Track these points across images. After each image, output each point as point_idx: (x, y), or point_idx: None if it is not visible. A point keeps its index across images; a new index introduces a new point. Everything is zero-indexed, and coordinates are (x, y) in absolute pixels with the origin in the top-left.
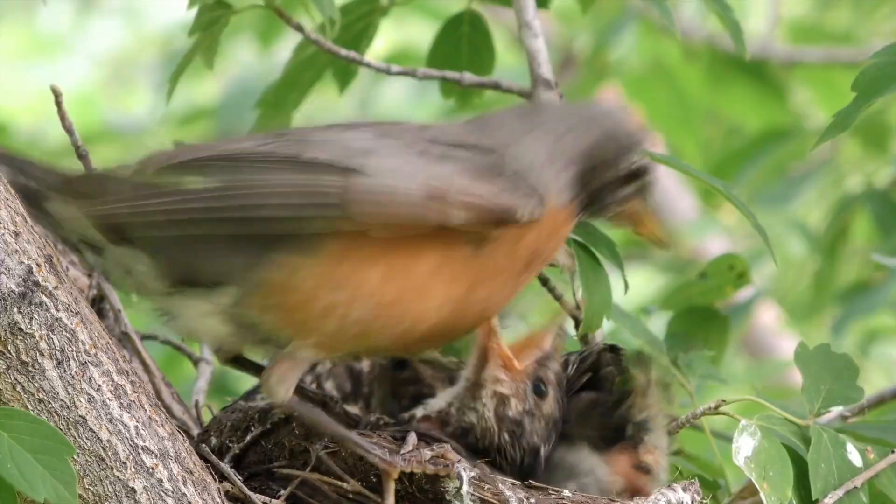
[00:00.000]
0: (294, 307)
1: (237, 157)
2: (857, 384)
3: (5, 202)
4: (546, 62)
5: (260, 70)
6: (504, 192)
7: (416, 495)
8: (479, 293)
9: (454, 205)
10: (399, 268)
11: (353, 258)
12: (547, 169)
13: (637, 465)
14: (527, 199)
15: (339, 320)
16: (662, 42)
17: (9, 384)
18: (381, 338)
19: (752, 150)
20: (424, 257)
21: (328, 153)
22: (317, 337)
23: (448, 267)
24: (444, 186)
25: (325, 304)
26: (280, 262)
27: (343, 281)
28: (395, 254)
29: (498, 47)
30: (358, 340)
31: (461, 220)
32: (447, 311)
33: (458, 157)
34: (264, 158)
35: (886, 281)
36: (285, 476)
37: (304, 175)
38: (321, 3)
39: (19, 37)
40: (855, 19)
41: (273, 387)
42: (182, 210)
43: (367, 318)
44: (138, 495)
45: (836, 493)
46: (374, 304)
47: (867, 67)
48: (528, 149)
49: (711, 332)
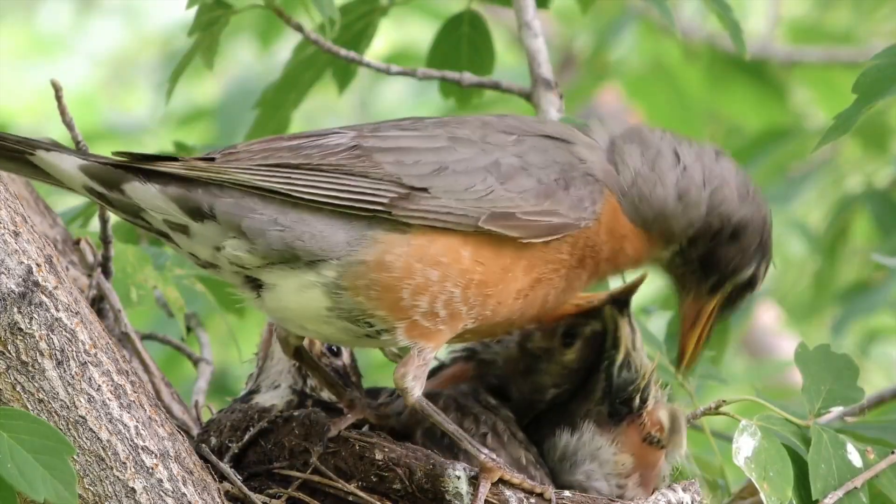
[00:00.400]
0: (389, 285)
1: (318, 168)
2: (857, 384)
3: (5, 202)
4: (546, 62)
5: (260, 70)
6: (564, 210)
7: (416, 495)
8: (544, 284)
9: (515, 227)
10: (485, 252)
11: (444, 239)
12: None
13: (646, 437)
14: (581, 214)
15: (432, 299)
16: (662, 42)
17: (9, 384)
18: (469, 320)
19: (752, 150)
20: (506, 245)
21: (397, 168)
22: (410, 317)
23: (524, 257)
24: (511, 210)
25: (419, 282)
26: (378, 239)
27: (435, 260)
28: (480, 239)
29: (498, 47)
30: (448, 323)
31: (518, 235)
32: (522, 297)
33: (530, 169)
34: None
35: (886, 281)
36: (285, 476)
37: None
38: (321, 3)
39: (19, 37)
40: (855, 19)
41: (409, 386)
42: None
43: (456, 298)
44: (138, 495)
45: (836, 494)
46: (464, 284)
47: (868, 69)
48: (654, 171)
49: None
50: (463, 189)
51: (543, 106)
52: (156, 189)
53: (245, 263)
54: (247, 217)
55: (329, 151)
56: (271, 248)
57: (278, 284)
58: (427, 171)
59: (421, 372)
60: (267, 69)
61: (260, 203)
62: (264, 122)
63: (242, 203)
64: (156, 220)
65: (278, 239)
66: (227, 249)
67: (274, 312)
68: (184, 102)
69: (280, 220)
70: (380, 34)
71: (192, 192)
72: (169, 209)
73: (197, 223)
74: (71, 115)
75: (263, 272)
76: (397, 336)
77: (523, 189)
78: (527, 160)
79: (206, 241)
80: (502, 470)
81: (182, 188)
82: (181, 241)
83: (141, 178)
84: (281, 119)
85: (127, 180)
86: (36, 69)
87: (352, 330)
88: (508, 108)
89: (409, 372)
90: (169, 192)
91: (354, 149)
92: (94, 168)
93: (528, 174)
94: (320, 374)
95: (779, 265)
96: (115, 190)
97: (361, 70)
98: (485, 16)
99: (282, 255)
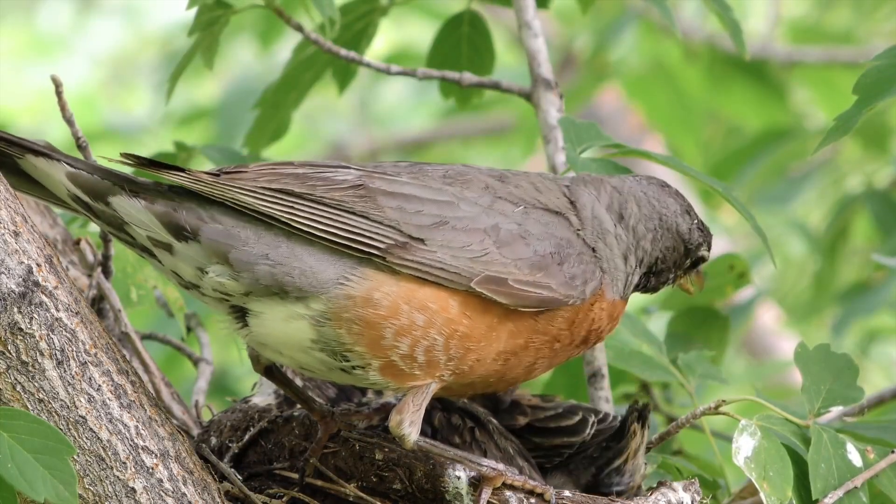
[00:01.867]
0: (373, 322)
1: (320, 201)
2: (857, 384)
3: (5, 202)
4: (546, 62)
5: (260, 70)
6: (555, 286)
7: (417, 495)
8: (530, 351)
9: (505, 294)
10: (473, 305)
11: (434, 286)
12: (620, 265)
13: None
14: (571, 292)
15: (413, 343)
16: (663, 42)
17: (9, 384)
18: (446, 371)
19: (752, 150)
20: (495, 306)
21: (398, 214)
22: (387, 357)
23: (512, 321)
24: (503, 276)
25: (404, 324)
26: (368, 276)
27: (423, 304)
28: (470, 295)
29: (498, 47)
30: (424, 369)
31: (507, 303)
32: (504, 358)
33: (528, 238)
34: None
35: (886, 281)
36: (285, 476)
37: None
38: (321, 3)
39: (19, 37)
40: (855, 19)
41: (406, 432)
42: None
43: (438, 346)
44: (138, 495)
45: (836, 493)
46: (447, 334)
47: (868, 70)
48: (610, 243)
49: (711, 332)
50: (459, 246)
51: (543, 106)
52: (142, 204)
53: (229, 291)
54: (235, 248)
55: (334, 186)
56: (258, 282)
57: (265, 313)
58: (427, 223)
59: (416, 417)
60: (267, 69)
61: (252, 235)
62: (264, 123)
63: (233, 233)
64: (139, 235)
65: (267, 274)
66: (210, 275)
67: (257, 339)
68: (184, 102)
69: (271, 255)
70: (380, 34)
71: (178, 212)
72: (153, 226)
73: (181, 243)
74: (71, 112)
75: (249, 301)
76: (370, 373)
77: (519, 256)
78: (526, 229)
79: (190, 261)
80: (504, 476)
81: (169, 207)
82: (164, 259)
83: (128, 193)
84: (281, 119)
85: (114, 193)
86: (36, 69)
87: (327, 362)
88: (508, 108)
89: (404, 419)
90: (155, 209)
91: (360, 188)
92: (82, 177)
93: (525, 243)
94: (291, 390)
95: (779, 265)
96: (101, 201)
97: (361, 70)
98: (485, 16)
99: (269, 289)
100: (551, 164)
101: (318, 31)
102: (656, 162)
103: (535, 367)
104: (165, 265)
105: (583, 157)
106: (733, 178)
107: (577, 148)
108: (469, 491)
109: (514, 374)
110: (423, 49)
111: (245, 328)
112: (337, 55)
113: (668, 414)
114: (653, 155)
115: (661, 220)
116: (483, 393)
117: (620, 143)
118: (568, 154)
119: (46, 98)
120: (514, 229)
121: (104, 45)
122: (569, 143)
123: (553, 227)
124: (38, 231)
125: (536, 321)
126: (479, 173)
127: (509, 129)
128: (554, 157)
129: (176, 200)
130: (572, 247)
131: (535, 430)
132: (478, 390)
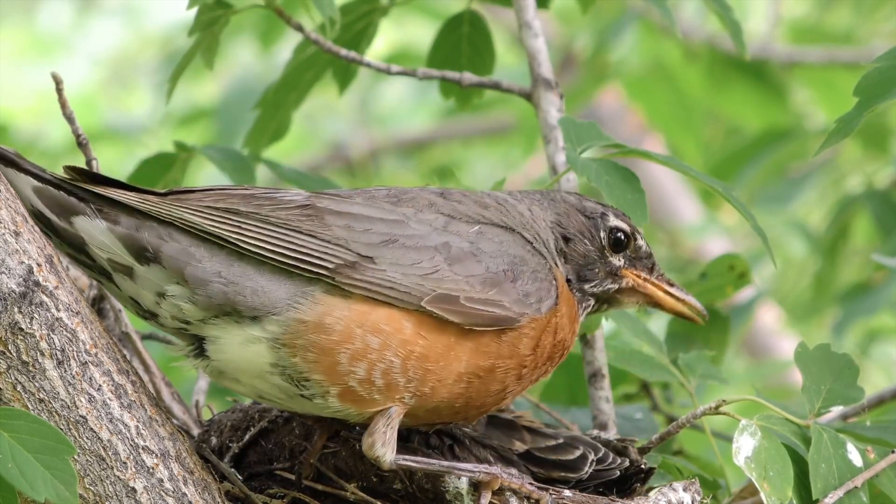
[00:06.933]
0: (327, 348)
1: (266, 220)
2: (858, 384)
3: (6, 202)
4: (546, 62)
5: (260, 70)
6: (508, 303)
7: (417, 495)
8: (498, 374)
9: (457, 313)
10: (428, 325)
11: (387, 307)
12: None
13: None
14: (525, 310)
15: (369, 367)
16: (663, 43)
17: (9, 384)
18: (406, 394)
19: (752, 150)
20: (450, 325)
21: (346, 232)
22: (346, 383)
23: (471, 339)
24: (454, 294)
25: (358, 348)
26: (318, 300)
27: (377, 327)
28: (423, 314)
29: (498, 47)
30: (384, 393)
31: (460, 322)
32: (466, 380)
33: (480, 256)
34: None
35: (887, 281)
36: (286, 477)
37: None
38: (321, 3)
39: (19, 37)
40: (855, 20)
41: (380, 453)
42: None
43: (395, 369)
44: (139, 495)
45: (836, 493)
46: (404, 355)
47: (869, 72)
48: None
49: (712, 332)
50: (409, 263)
51: (544, 106)
52: (104, 225)
53: (187, 316)
54: (190, 265)
55: (280, 205)
56: (212, 301)
57: (222, 338)
58: (376, 241)
59: (389, 437)
60: (267, 69)
61: (206, 253)
62: (264, 123)
63: (189, 251)
64: (100, 257)
65: (220, 292)
66: (168, 298)
67: (216, 367)
68: (184, 102)
69: (223, 272)
70: (380, 34)
71: (140, 231)
72: (115, 248)
73: (142, 266)
74: (71, 109)
75: (206, 327)
76: (329, 401)
77: (470, 273)
78: (478, 246)
79: (150, 285)
80: (501, 478)
81: (131, 228)
82: (123, 285)
83: (92, 211)
84: (281, 119)
85: (77, 212)
86: (36, 69)
87: (286, 388)
88: (509, 108)
89: (376, 441)
90: (117, 230)
91: (307, 207)
92: (48, 192)
93: (477, 260)
94: None
95: (779, 265)
96: (64, 219)
97: (362, 70)
98: (485, 16)
99: (222, 308)
100: (551, 164)
101: (319, 31)
102: (656, 162)
103: (504, 392)
104: (124, 291)
105: (583, 157)
106: (733, 179)
107: (577, 148)
108: (469, 491)
109: (481, 400)
110: (424, 49)
111: (204, 359)
112: (337, 55)
113: (668, 414)
114: (653, 155)
115: (565, 204)
116: (452, 422)
117: (621, 143)
118: (568, 154)
119: (46, 98)
120: (466, 247)
121: (104, 45)
122: (569, 143)
123: (507, 245)
124: (38, 231)
125: (500, 343)
126: (421, 191)
127: (509, 129)
128: (554, 157)
129: (139, 218)
130: (526, 264)
131: (534, 459)
132: (444, 418)
